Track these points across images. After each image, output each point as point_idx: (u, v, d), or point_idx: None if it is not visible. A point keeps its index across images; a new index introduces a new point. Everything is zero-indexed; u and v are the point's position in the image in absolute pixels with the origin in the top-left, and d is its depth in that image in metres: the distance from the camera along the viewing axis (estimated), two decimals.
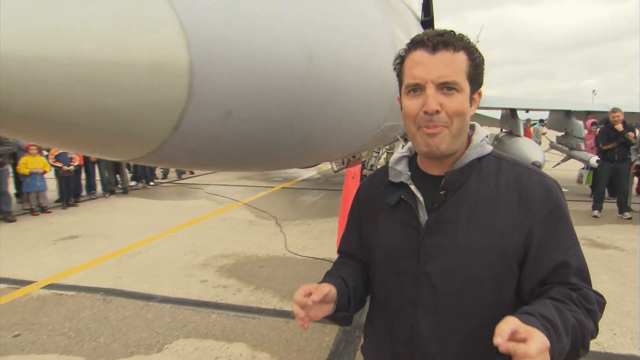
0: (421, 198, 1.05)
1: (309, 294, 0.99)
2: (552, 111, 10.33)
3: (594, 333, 0.95)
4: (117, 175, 9.91)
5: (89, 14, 0.75)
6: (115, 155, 1.03)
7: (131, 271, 4.83)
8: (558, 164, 10.37)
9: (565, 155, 9.77)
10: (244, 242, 5.88)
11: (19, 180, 7.83)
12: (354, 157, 4.48)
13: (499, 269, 1.00)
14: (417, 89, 0.97)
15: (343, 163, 5.15)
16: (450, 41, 0.95)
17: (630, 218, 6.97)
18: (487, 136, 1.09)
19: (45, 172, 7.72)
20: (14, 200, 7.80)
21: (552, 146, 10.32)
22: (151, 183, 10.97)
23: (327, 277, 1.16)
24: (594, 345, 3.08)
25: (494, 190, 1.01)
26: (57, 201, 8.40)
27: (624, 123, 6.88)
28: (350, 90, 1.61)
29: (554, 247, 0.99)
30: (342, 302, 1.09)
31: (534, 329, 0.78)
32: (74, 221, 7.23)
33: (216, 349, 3.18)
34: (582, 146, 8.96)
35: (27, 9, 0.72)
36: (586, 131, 9.23)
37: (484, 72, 1.04)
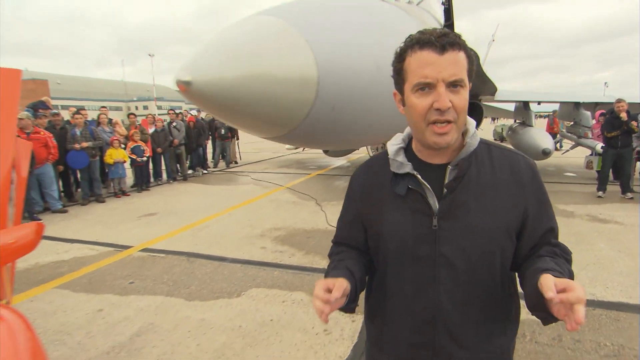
0: (429, 186, 1.04)
1: (329, 290, 0.97)
2: (562, 103, 10.27)
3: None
4: (178, 165, 10.61)
5: (272, 55, 1.27)
6: (268, 133, 1.55)
7: (203, 240, 5.40)
8: (567, 150, 10.39)
9: (574, 143, 9.79)
10: (291, 218, 6.37)
11: (102, 169, 8.58)
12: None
13: (504, 242, 1.04)
14: (426, 87, 0.95)
15: (377, 149, 5.56)
16: (456, 41, 0.95)
17: (631, 198, 7.04)
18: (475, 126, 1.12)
19: (125, 161, 8.45)
20: None
21: (562, 135, 10.35)
22: (204, 171, 11.62)
23: (336, 271, 1.11)
24: (589, 295, 3.46)
25: (491, 174, 1.04)
26: (132, 186, 9.16)
27: (627, 112, 6.90)
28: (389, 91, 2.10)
29: (543, 217, 1.06)
30: (352, 294, 1.08)
31: (566, 279, 0.83)
32: (149, 202, 7.94)
33: (282, 295, 3.70)
34: (590, 134, 8.97)
35: (241, 56, 1.23)
36: (594, 121, 9.23)
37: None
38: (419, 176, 1.03)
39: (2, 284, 2.31)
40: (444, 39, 0.93)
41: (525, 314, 1.12)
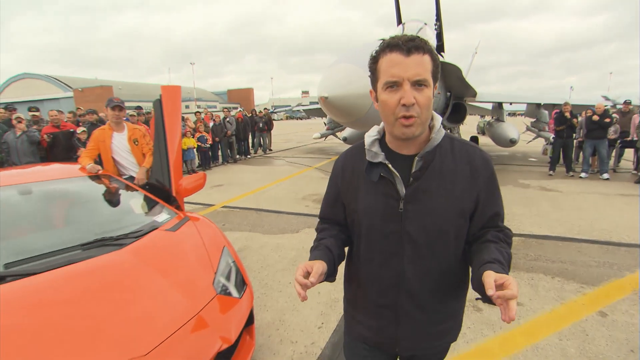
0: (398, 174, 1.01)
1: (307, 273, 0.96)
2: (528, 104, 11.01)
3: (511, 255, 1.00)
4: (228, 150, 11.66)
5: (355, 83, 2.31)
6: (346, 120, 2.62)
7: (263, 201, 6.42)
8: (530, 141, 11.17)
9: (535, 135, 10.58)
10: (322, 188, 7.05)
11: None
12: None
13: (459, 222, 1.02)
14: (394, 85, 0.93)
15: None
16: (421, 46, 0.92)
17: (572, 175, 7.91)
18: (441, 122, 1.07)
19: (194, 147, 9.54)
20: None
21: (527, 128, 11.08)
22: (249, 156, 12.66)
23: (317, 252, 1.09)
24: (528, 232, 4.44)
25: (452, 164, 1.01)
26: (197, 166, 10.26)
27: (571, 112, 7.70)
28: None
29: (491, 202, 1.04)
30: (330, 270, 1.07)
31: (505, 276, 0.83)
32: (215, 177, 8.96)
33: None
34: (547, 128, 9.76)
35: (341, 81, 2.28)
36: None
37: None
38: (389, 165, 1.02)
39: (183, 206, 3.40)
40: (410, 43, 0.92)
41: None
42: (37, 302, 1.69)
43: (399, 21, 7.28)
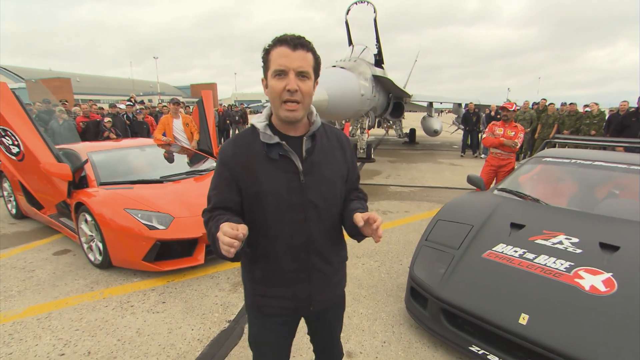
0: (294, 152, 1.12)
1: (236, 229, 0.95)
2: (454, 103, 14.01)
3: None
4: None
5: (319, 95, 4.72)
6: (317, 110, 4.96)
7: None
8: (453, 132, 14.23)
9: (457, 127, 13.66)
10: None
11: None
12: (343, 122, 8.53)
13: (342, 186, 1.25)
14: (281, 74, 1.03)
15: (334, 123, 8.99)
16: (305, 44, 1.05)
17: (476, 156, 10.88)
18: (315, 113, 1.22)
19: None
20: None
21: (453, 122, 14.12)
22: None
23: (231, 220, 1.05)
24: (427, 184, 7.07)
25: (328, 142, 1.21)
26: None
27: (474, 111, 10.75)
28: (346, 101, 5.69)
29: (354, 169, 1.31)
30: (244, 243, 1.06)
31: (368, 212, 1.09)
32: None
33: None
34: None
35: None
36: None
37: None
38: (286, 146, 1.12)
39: None
40: (296, 40, 1.04)
41: None
42: (176, 189, 3.89)
43: (350, 43, 9.70)
